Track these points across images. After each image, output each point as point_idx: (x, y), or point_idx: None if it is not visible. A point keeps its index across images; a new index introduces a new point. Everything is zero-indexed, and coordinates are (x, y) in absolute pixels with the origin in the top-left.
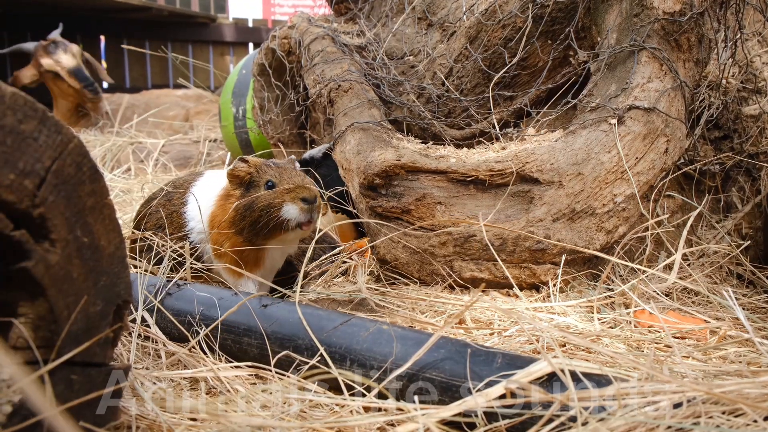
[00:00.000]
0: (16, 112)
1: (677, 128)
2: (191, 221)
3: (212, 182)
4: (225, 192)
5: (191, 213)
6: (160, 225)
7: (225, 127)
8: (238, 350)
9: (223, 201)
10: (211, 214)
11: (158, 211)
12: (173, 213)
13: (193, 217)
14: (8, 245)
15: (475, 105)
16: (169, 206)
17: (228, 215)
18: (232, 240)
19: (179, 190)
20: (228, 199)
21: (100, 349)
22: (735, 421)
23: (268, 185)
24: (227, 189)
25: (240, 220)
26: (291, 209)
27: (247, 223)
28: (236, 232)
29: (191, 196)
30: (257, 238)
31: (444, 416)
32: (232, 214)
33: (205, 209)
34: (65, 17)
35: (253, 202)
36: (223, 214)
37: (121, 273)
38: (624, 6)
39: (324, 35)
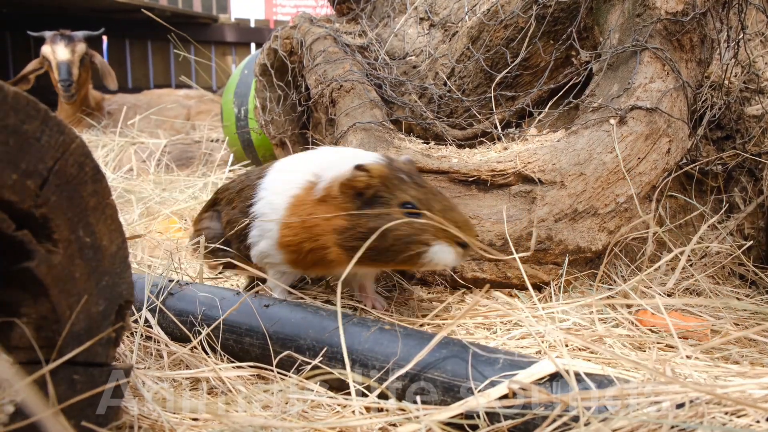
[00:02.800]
0: (18, 113)
1: (679, 128)
2: (261, 192)
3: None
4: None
5: (262, 191)
6: (231, 199)
7: (227, 127)
8: (240, 350)
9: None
10: (296, 201)
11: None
12: (246, 187)
13: (263, 197)
14: (11, 245)
15: (477, 105)
16: (244, 180)
17: (336, 224)
18: (331, 250)
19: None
20: (326, 201)
21: (102, 349)
22: (737, 421)
23: (407, 208)
24: (333, 190)
25: (353, 239)
26: (444, 253)
27: (367, 247)
28: (340, 245)
29: (273, 172)
30: (369, 261)
31: (446, 417)
32: (345, 225)
33: (287, 191)
34: (68, 18)
35: (386, 231)
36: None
37: (123, 273)
38: (626, 6)
39: (326, 35)
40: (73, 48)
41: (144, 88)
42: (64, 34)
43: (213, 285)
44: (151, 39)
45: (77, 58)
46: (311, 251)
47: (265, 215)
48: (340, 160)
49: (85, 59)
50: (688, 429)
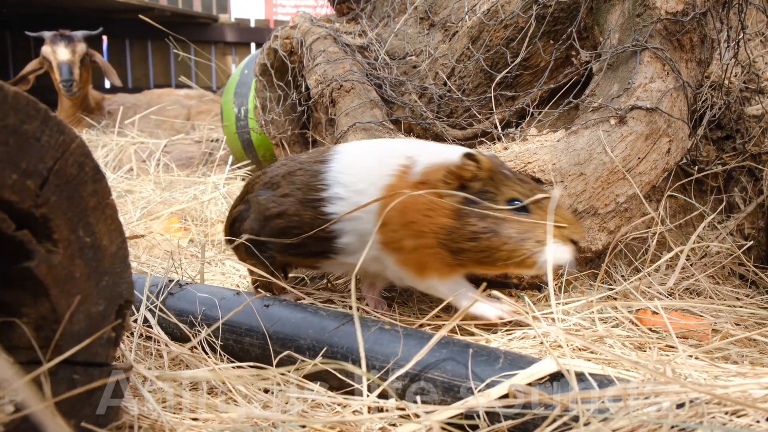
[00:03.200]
0: (18, 112)
1: (679, 128)
2: (336, 186)
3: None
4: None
5: (337, 175)
6: (272, 183)
7: (227, 127)
8: (240, 350)
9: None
10: (391, 191)
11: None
12: (298, 170)
13: (339, 181)
14: (11, 245)
15: (477, 105)
16: (295, 163)
17: (441, 223)
18: (433, 253)
19: (324, 147)
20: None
21: (102, 348)
22: (737, 421)
23: (514, 204)
24: (432, 177)
25: (461, 239)
26: (560, 252)
27: (473, 248)
28: (444, 246)
29: (344, 159)
30: (474, 264)
31: (446, 416)
32: (451, 223)
33: (377, 181)
34: (68, 18)
35: (494, 226)
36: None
37: (123, 273)
38: (626, 6)
39: (326, 35)
40: (74, 48)
41: (144, 88)
42: (64, 34)
43: (213, 285)
44: (151, 39)
45: (78, 58)
46: (415, 249)
47: (357, 218)
48: (432, 149)
49: (85, 59)
50: (688, 429)
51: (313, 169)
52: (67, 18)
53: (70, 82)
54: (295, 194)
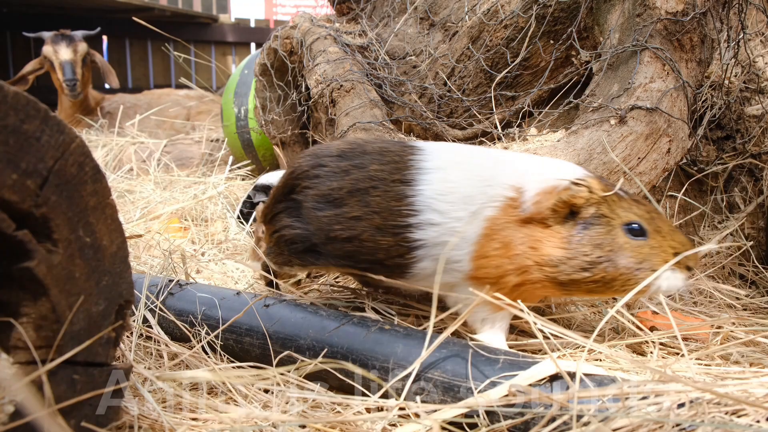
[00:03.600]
0: (18, 112)
1: (680, 128)
2: (428, 212)
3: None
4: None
5: (429, 201)
6: (333, 198)
7: (227, 127)
8: (240, 350)
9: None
10: (493, 225)
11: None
12: (371, 189)
13: (433, 207)
14: (11, 245)
15: (477, 105)
16: (362, 175)
17: (548, 254)
18: (541, 285)
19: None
20: (529, 223)
21: (102, 348)
22: (738, 421)
23: (632, 229)
24: (540, 208)
25: (574, 270)
26: (675, 279)
27: (585, 279)
28: (553, 278)
29: (430, 175)
30: (583, 293)
31: (446, 416)
32: (561, 254)
33: (478, 213)
34: (68, 17)
35: (610, 254)
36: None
37: (124, 273)
38: (626, 6)
39: (326, 35)
40: (75, 48)
41: (144, 88)
42: (65, 34)
43: (213, 285)
44: (151, 39)
45: (79, 57)
46: (518, 286)
47: (445, 244)
48: (537, 169)
49: (86, 59)
50: (689, 428)
51: (395, 190)
52: (66, 18)
53: (73, 82)
54: (370, 219)
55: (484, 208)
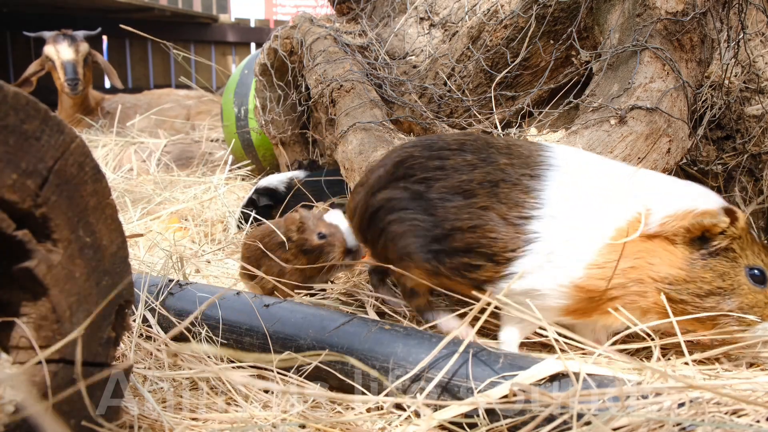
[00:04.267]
0: (18, 112)
1: (680, 128)
2: (550, 206)
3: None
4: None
5: (554, 197)
6: (463, 190)
7: (227, 127)
8: (240, 350)
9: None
10: (619, 237)
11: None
12: (501, 182)
13: (556, 205)
14: (11, 245)
15: (477, 105)
16: (492, 170)
17: (667, 273)
18: (648, 301)
19: (523, 149)
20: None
21: (102, 348)
22: (738, 421)
23: (754, 274)
24: (669, 227)
25: (688, 294)
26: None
27: (695, 303)
28: (667, 296)
29: (558, 173)
30: (677, 313)
31: (447, 416)
32: (680, 275)
33: (605, 224)
34: (68, 17)
35: (730, 290)
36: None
37: (124, 273)
38: (626, 6)
39: (326, 35)
40: (77, 47)
41: (144, 88)
42: (66, 33)
43: (212, 285)
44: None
45: (81, 57)
46: (616, 299)
47: (559, 252)
48: (668, 191)
49: (88, 59)
50: (689, 428)
51: (524, 183)
52: (67, 18)
53: (75, 81)
54: (497, 209)
55: (613, 220)
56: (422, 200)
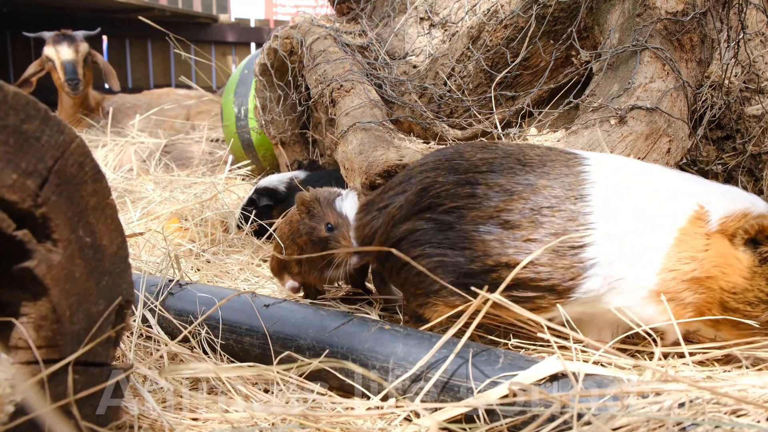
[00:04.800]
0: (18, 112)
1: (680, 128)
2: (601, 227)
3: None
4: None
5: (603, 216)
6: (504, 221)
7: (227, 127)
8: (240, 350)
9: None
10: (683, 236)
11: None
12: (546, 209)
13: (606, 223)
14: (11, 245)
15: (477, 105)
16: (536, 197)
17: (734, 281)
18: (706, 309)
19: (559, 164)
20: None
21: (102, 348)
22: (738, 421)
23: None
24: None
25: (744, 303)
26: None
27: (746, 311)
28: (720, 303)
29: (600, 188)
30: (737, 332)
31: (447, 416)
32: (742, 283)
33: (666, 225)
34: (68, 17)
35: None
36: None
37: (123, 273)
38: (626, 6)
39: (326, 35)
40: (77, 48)
41: (144, 88)
42: (66, 34)
43: (213, 285)
44: (151, 39)
45: (81, 57)
46: (690, 305)
47: (621, 260)
48: (719, 191)
49: (87, 59)
50: (689, 428)
51: (571, 209)
52: (66, 18)
53: (75, 81)
54: (546, 242)
55: (672, 220)
56: (452, 232)
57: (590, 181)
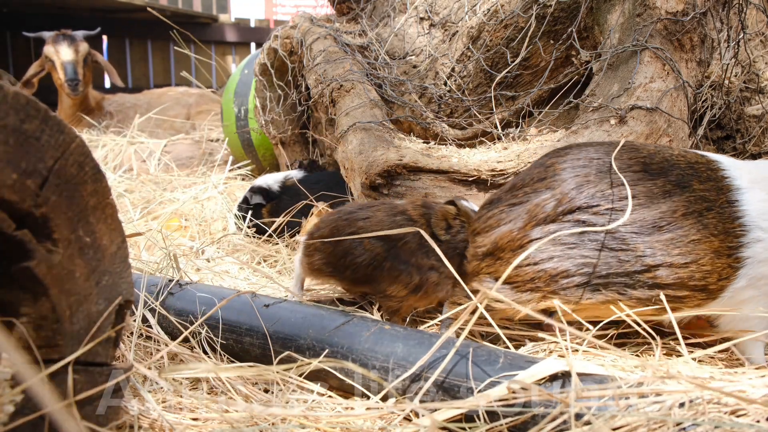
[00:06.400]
0: (18, 112)
1: (680, 128)
2: (755, 230)
3: None
4: None
5: (755, 218)
6: (652, 224)
7: (227, 127)
8: (240, 350)
9: None
10: None
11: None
12: (706, 211)
13: (759, 224)
14: (11, 245)
15: (477, 105)
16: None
17: None
18: None
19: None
20: None
21: (102, 348)
22: (738, 421)
23: None
24: None
25: None
26: None
27: None
28: None
29: (751, 191)
30: None
31: (446, 416)
32: None
33: None
34: (68, 17)
35: None
36: None
37: (123, 272)
38: (626, 6)
39: (326, 35)
40: (77, 48)
41: (144, 88)
42: (66, 34)
43: (213, 285)
44: (151, 39)
45: (81, 57)
46: None
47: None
48: None
49: (87, 59)
50: (689, 428)
51: (727, 211)
52: (67, 18)
53: (75, 81)
54: (710, 241)
55: None
56: (594, 235)
57: (735, 187)
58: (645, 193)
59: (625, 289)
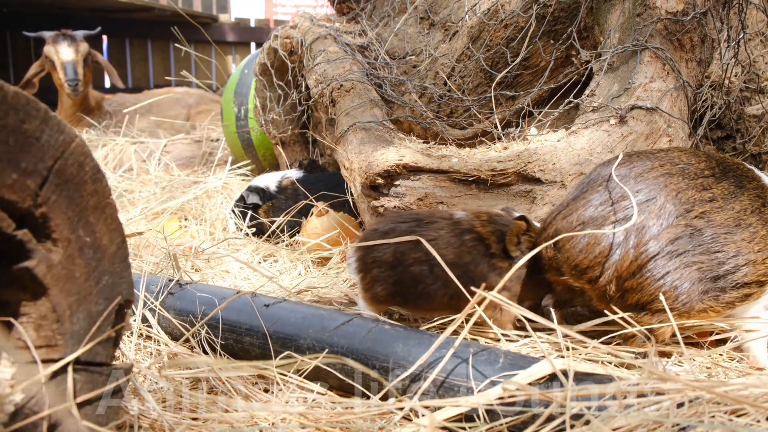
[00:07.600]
0: (18, 112)
1: (680, 128)
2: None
3: None
4: None
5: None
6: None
7: (227, 127)
8: (240, 350)
9: None
10: None
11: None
12: (765, 203)
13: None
14: (10, 245)
15: (477, 105)
16: None
17: None
18: None
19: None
20: None
21: (102, 348)
22: (737, 421)
23: None
24: None
25: None
26: None
27: None
28: None
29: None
30: None
31: (446, 416)
32: None
33: None
34: (68, 17)
35: None
36: None
37: (123, 272)
38: (627, 6)
39: (326, 35)
40: (77, 48)
41: (144, 88)
42: (66, 34)
43: (213, 285)
44: (151, 39)
45: (81, 57)
46: None
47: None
48: None
49: (87, 59)
50: (688, 428)
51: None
52: (67, 18)
53: (75, 82)
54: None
55: None
56: (701, 237)
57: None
58: (723, 194)
59: (719, 294)
